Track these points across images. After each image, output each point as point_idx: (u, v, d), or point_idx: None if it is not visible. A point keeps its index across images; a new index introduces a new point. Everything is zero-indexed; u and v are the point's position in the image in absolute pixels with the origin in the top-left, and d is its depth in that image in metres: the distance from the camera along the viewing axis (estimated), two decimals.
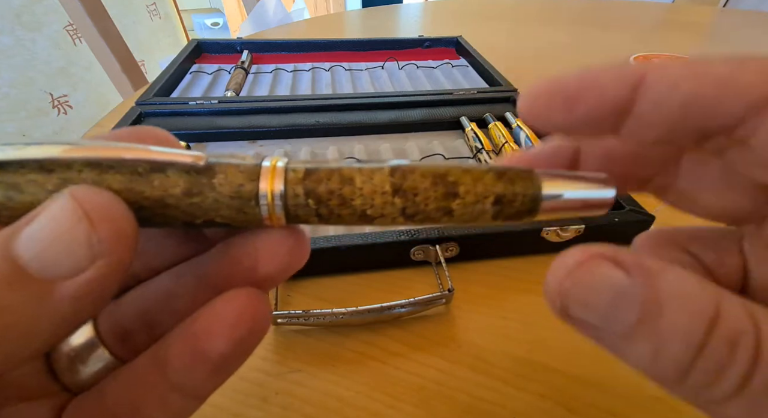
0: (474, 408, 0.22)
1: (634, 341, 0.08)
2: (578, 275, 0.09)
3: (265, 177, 0.10)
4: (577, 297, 0.09)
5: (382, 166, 0.10)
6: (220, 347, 0.10)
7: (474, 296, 0.27)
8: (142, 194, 0.09)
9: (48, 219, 0.08)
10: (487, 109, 0.45)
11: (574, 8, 1.00)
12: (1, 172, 0.09)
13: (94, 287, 0.08)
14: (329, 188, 0.10)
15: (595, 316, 0.09)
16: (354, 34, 0.83)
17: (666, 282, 0.08)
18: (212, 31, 2.21)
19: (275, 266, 0.11)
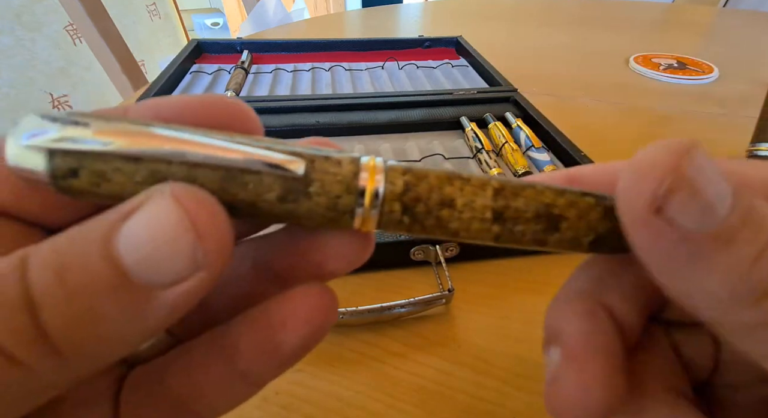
0: (474, 408, 0.22)
1: (734, 242, 0.08)
2: (692, 161, 0.08)
3: (365, 185, 0.09)
4: (688, 184, 0.08)
5: (485, 186, 0.10)
6: (294, 340, 0.10)
7: (474, 296, 0.27)
8: (236, 197, 0.09)
9: (150, 221, 0.08)
10: (487, 109, 0.45)
11: (574, 8, 1.00)
12: (84, 156, 0.08)
13: (191, 298, 0.08)
14: (428, 208, 0.10)
15: (697, 212, 0.08)
16: (354, 34, 0.83)
17: (754, 195, 0.08)
18: (212, 31, 2.21)
19: (343, 264, 0.11)
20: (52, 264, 0.07)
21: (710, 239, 0.08)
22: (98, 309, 0.07)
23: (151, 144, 0.08)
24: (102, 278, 0.07)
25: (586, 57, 0.69)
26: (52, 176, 0.08)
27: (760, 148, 0.36)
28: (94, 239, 0.08)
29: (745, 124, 0.47)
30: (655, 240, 0.08)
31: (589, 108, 0.53)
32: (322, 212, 0.09)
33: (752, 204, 0.08)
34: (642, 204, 0.08)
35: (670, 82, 0.60)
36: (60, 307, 0.07)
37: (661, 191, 0.08)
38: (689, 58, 0.66)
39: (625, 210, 0.09)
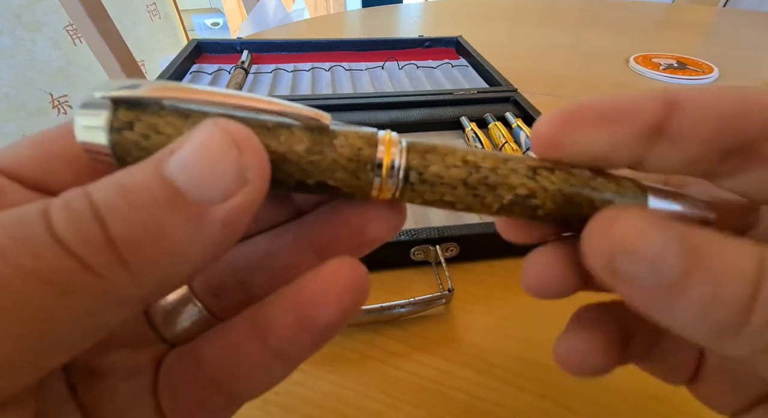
0: (474, 408, 0.22)
1: (689, 287, 0.08)
2: (622, 229, 0.09)
3: (383, 146, 0.10)
4: (625, 247, 0.09)
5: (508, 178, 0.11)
6: (328, 315, 0.10)
7: (474, 296, 0.27)
8: (269, 148, 0.10)
9: (197, 144, 0.08)
10: (487, 109, 0.45)
11: (574, 8, 1.00)
12: (143, 111, 0.09)
13: (240, 214, 0.09)
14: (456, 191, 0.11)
15: (644, 267, 0.09)
16: (354, 34, 0.83)
17: (702, 234, 0.09)
18: (212, 31, 2.21)
19: (383, 228, 0.11)
20: (113, 186, 0.08)
21: (667, 287, 0.08)
22: (159, 221, 0.08)
23: (199, 98, 0.09)
24: (159, 195, 0.08)
25: (586, 57, 0.69)
26: (110, 128, 0.09)
27: None
28: (148, 167, 0.08)
29: None
30: (625, 293, 0.09)
31: None
32: (344, 164, 0.10)
33: (699, 246, 0.08)
34: (599, 270, 0.09)
35: (670, 82, 0.60)
36: (124, 217, 0.08)
37: (605, 259, 0.09)
38: (689, 58, 0.66)
39: (595, 274, 0.10)
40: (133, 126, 0.09)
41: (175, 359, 0.12)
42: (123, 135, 0.09)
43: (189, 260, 0.09)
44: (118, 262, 0.08)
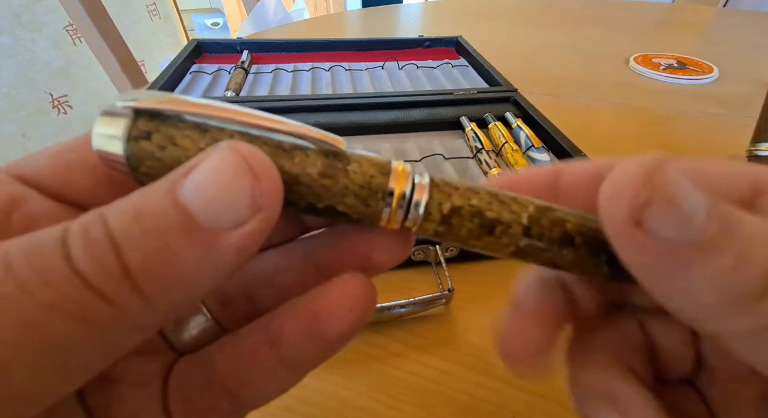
0: (474, 408, 0.22)
1: (716, 251, 0.08)
2: (664, 175, 0.08)
3: (395, 176, 0.10)
4: (663, 195, 0.08)
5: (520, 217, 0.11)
6: (338, 327, 0.10)
7: (474, 296, 0.27)
8: (282, 168, 0.10)
9: (212, 169, 0.08)
10: (487, 109, 0.45)
11: (574, 8, 1.00)
12: (162, 122, 0.09)
13: (253, 240, 0.09)
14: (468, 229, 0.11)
15: (675, 223, 0.08)
16: (354, 34, 0.83)
17: (734, 206, 0.08)
18: (212, 31, 2.21)
19: (387, 257, 0.12)
20: (129, 211, 0.08)
21: (690, 248, 0.08)
22: (173, 248, 0.08)
23: (220, 115, 0.10)
24: (173, 222, 0.08)
25: (586, 57, 0.69)
26: (128, 137, 0.09)
27: (760, 148, 0.36)
28: (163, 190, 0.08)
29: (745, 124, 0.47)
30: (639, 252, 0.09)
31: (589, 108, 0.53)
32: (356, 191, 0.10)
33: (728, 213, 0.08)
34: (621, 217, 0.09)
35: (670, 82, 0.60)
36: (139, 245, 0.08)
37: (637, 204, 0.08)
38: (689, 58, 0.66)
39: (608, 224, 0.09)
40: (150, 136, 0.09)
41: (186, 367, 0.12)
42: (140, 144, 0.09)
43: (202, 285, 0.09)
44: (133, 290, 0.08)
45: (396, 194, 0.10)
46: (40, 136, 1.08)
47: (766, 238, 0.08)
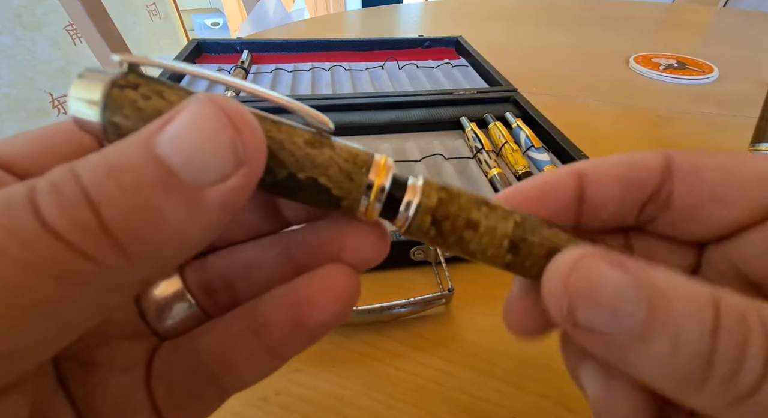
0: (474, 408, 0.22)
1: (649, 339, 0.08)
2: (580, 277, 0.09)
3: (376, 168, 0.10)
4: (585, 296, 0.09)
5: (507, 218, 0.11)
6: (321, 317, 0.10)
7: (474, 296, 0.27)
8: (268, 133, 0.10)
9: (191, 119, 0.08)
10: (487, 109, 0.45)
11: (574, 8, 1.00)
12: (152, 80, 0.09)
13: (237, 196, 0.08)
14: (454, 226, 0.11)
15: (604, 318, 0.09)
16: (354, 34, 0.83)
17: (659, 277, 0.09)
18: (212, 31, 2.21)
19: (359, 257, 0.12)
20: (102, 166, 0.08)
21: (627, 338, 0.08)
22: (154, 204, 0.08)
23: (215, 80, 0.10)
24: (152, 177, 0.08)
25: (586, 57, 0.69)
26: (114, 85, 0.09)
27: (760, 149, 0.36)
28: (138, 143, 0.08)
29: (745, 124, 0.47)
30: (588, 344, 0.09)
31: (589, 108, 0.53)
32: (340, 163, 0.10)
33: (655, 292, 0.08)
34: (560, 322, 0.09)
35: (670, 82, 0.60)
36: (117, 202, 0.07)
37: (564, 312, 0.09)
38: (689, 58, 0.66)
39: (556, 322, 0.10)
40: (138, 88, 0.09)
41: (170, 352, 0.12)
42: (124, 93, 0.09)
43: (187, 243, 0.08)
44: (114, 248, 0.07)
45: (376, 185, 0.10)
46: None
47: (693, 311, 0.08)
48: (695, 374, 0.08)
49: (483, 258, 0.11)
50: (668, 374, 0.08)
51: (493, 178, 0.35)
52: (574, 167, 0.12)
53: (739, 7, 1.37)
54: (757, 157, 0.11)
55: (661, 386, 0.09)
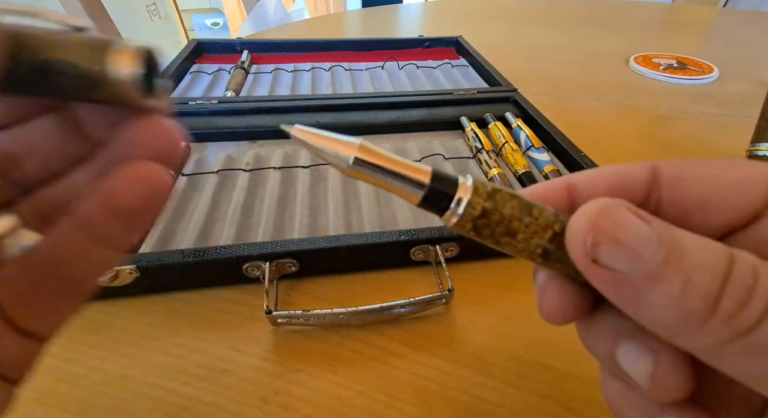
0: (474, 408, 0.22)
1: (662, 279, 0.09)
2: (607, 218, 0.10)
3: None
4: (609, 234, 0.10)
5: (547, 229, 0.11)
6: (128, 202, 0.11)
7: (474, 296, 0.27)
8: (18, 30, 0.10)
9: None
10: (487, 109, 0.45)
11: (574, 8, 1.00)
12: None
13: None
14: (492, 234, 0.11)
15: (624, 258, 0.09)
16: (354, 34, 0.83)
17: (681, 232, 0.10)
18: (212, 31, 2.21)
19: (154, 150, 0.12)
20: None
21: (642, 278, 0.09)
22: None
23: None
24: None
25: (586, 57, 0.69)
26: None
27: (760, 148, 0.36)
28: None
29: (745, 124, 0.47)
30: (602, 283, 0.10)
31: (589, 108, 0.53)
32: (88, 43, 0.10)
33: (673, 240, 0.09)
34: (580, 258, 0.10)
35: (670, 82, 0.60)
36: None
37: (587, 247, 0.10)
38: (689, 58, 0.66)
39: (576, 264, 0.10)
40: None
41: (13, 270, 0.12)
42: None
43: None
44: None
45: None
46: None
47: (708, 261, 0.09)
48: (700, 313, 0.09)
49: (516, 255, 0.12)
50: (673, 313, 0.09)
51: (493, 178, 0.35)
52: (563, 179, 0.13)
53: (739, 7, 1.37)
54: (737, 163, 0.12)
55: (662, 327, 0.10)
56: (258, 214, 0.32)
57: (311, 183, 0.35)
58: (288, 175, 0.36)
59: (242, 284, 0.27)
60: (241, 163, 0.37)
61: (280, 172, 0.36)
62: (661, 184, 0.12)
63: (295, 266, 0.27)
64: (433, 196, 0.11)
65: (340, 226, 0.30)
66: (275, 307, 0.26)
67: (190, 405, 0.21)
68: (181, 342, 0.24)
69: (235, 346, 0.24)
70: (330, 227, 0.31)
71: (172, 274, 0.26)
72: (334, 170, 0.36)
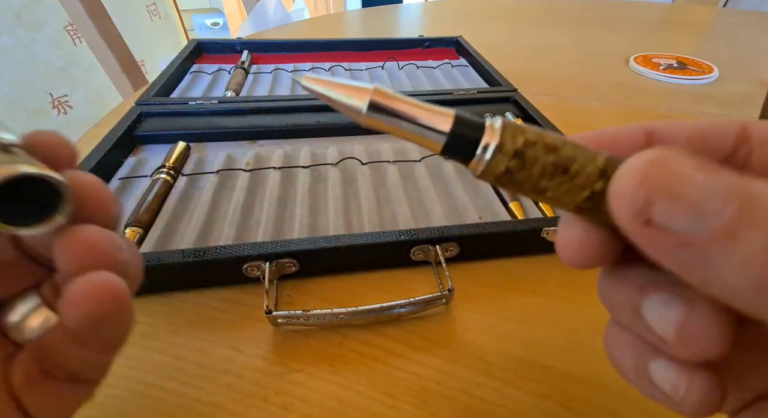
0: (474, 408, 0.21)
1: (737, 236, 0.07)
2: (661, 170, 0.08)
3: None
4: (665, 189, 0.08)
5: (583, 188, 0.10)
6: (77, 315, 0.11)
7: (474, 296, 0.27)
8: None
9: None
10: (487, 109, 0.45)
11: (574, 8, 1.00)
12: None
13: None
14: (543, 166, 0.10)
15: (686, 215, 0.08)
16: (354, 34, 0.83)
17: (753, 180, 0.08)
18: (212, 31, 2.21)
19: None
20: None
21: (710, 237, 0.08)
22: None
23: None
24: None
25: (586, 57, 0.69)
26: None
27: None
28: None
29: None
30: (657, 248, 0.08)
31: (589, 108, 0.53)
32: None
33: (746, 189, 0.08)
34: (628, 218, 0.08)
35: (670, 82, 0.60)
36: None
37: (639, 204, 0.08)
38: (689, 58, 0.66)
39: (622, 227, 0.09)
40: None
41: (25, 357, 0.13)
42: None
43: None
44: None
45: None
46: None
47: None
48: None
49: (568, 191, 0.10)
50: (752, 276, 0.07)
51: None
52: (642, 125, 0.11)
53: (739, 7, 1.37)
54: None
55: (734, 293, 0.08)
56: (258, 214, 0.32)
57: (311, 183, 0.35)
58: (288, 175, 0.36)
59: (242, 284, 0.27)
60: (241, 163, 0.37)
61: (280, 172, 0.36)
62: (752, 139, 0.11)
63: (295, 266, 0.27)
64: (455, 143, 0.10)
65: (340, 226, 0.30)
66: (275, 307, 0.26)
67: (190, 405, 0.21)
68: (181, 342, 0.24)
69: (235, 346, 0.24)
70: (330, 227, 0.31)
71: (172, 274, 0.26)
72: (334, 170, 0.36)
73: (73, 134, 0.89)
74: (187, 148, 0.38)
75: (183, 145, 0.38)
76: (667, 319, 0.10)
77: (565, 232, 0.11)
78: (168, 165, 0.35)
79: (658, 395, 0.11)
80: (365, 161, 0.37)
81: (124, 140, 0.38)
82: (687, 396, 0.10)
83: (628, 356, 0.11)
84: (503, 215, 0.32)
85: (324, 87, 0.10)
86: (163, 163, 0.35)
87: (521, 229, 0.28)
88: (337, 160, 0.37)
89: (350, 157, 0.38)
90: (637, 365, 0.11)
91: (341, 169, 0.37)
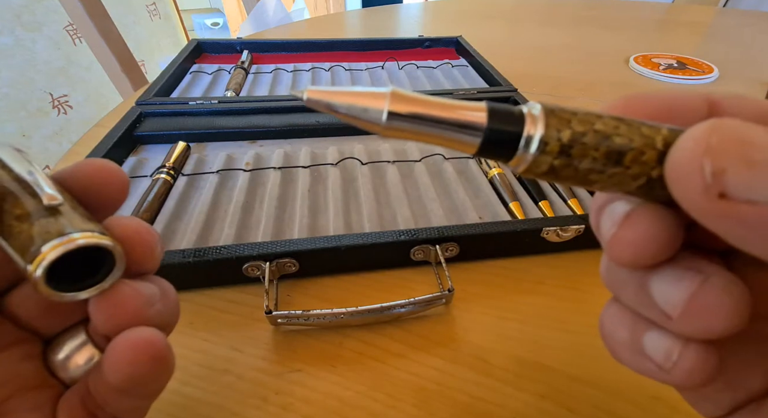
0: (474, 408, 0.21)
1: None
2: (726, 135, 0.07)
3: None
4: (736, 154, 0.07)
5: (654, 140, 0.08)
6: (117, 377, 0.12)
7: (474, 296, 0.27)
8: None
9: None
10: None
11: (574, 8, 1.00)
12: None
13: None
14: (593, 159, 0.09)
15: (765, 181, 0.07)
16: (354, 34, 0.83)
17: None
18: (212, 31, 2.21)
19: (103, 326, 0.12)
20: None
21: None
22: None
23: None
24: None
25: (586, 57, 0.69)
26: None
27: None
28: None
29: None
30: (734, 224, 0.07)
31: (589, 108, 0.53)
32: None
33: None
34: (697, 196, 0.07)
35: (670, 82, 0.60)
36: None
37: (707, 177, 0.07)
38: (689, 58, 0.66)
39: (686, 204, 0.08)
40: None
41: (71, 396, 0.13)
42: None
43: None
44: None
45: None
46: (39, 136, 1.08)
47: None
48: None
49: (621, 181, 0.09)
50: None
51: (492, 178, 0.35)
52: (703, 93, 0.10)
53: (739, 7, 1.37)
54: None
55: None
56: (258, 214, 0.32)
57: (311, 183, 0.35)
58: (288, 175, 0.36)
59: (242, 284, 0.27)
60: (241, 163, 0.37)
61: (280, 172, 0.36)
62: None
63: (295, 266, 0.27)
64: (494, 141, 0.08)
65: (340, 226, 0.30)
66: (275, 307, 0.26)
67: (190, 405, 0.21)
68: (181, 342, 0.24)
69: (235, 346, 0.24)
70: (330, 227, 0.31)
71: (172, 274, 0.26)
72: (334, 170, 0.36)
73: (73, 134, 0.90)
74: (187, 148, 0.38)
75: (183, 145, 0.38)
76: (675, 294, 0.09)
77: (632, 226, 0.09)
78: (168, 165, 0.35)
79: (648, 367, 0.11)
80: (365, 161, 0.37)
81: (124, 140, 0.38)
82: (680, 361, 0.10)
83: (624, 330, 0.11)
84: (503, 214, 0.32)
85: (332, 98, 0.09)
86: (163, 163, 0.35)
87: (521, 229, 0.28)
88: (336, 160, 0.37)
89: (350, 157, 0.38)
90: (632, 338, 0.11)
91: (341, 169, 0.37)
